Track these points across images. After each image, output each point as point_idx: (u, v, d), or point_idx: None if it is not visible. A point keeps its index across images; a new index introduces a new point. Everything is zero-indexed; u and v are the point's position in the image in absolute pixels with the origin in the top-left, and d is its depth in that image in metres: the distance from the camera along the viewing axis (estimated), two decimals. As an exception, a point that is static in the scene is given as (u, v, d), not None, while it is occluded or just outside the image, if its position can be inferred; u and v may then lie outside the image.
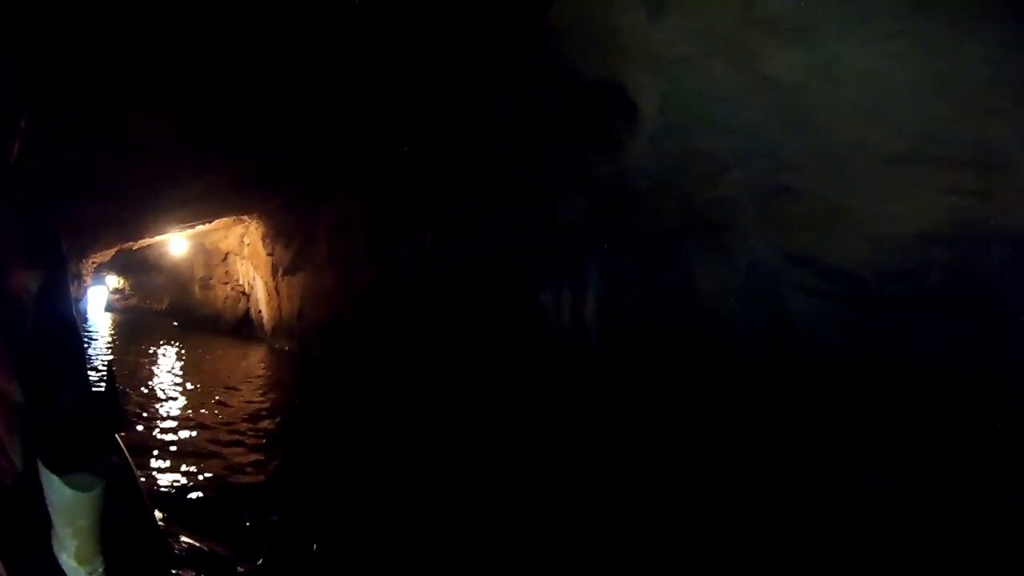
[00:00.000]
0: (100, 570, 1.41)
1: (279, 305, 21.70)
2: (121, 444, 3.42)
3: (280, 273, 20.79)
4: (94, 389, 1.49)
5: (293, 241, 17.93)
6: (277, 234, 19.65)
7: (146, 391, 12.80)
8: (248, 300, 25.93)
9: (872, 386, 6.05)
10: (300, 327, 19.16)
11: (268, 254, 21.47)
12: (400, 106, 9.44)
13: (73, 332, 1.46)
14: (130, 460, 3.37)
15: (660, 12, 6.27)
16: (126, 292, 43.97)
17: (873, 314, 6.13)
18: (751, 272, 6.89)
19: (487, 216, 9.89)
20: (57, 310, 1.36)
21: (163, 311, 35.48)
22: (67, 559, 1.38)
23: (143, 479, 4.22)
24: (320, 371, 16.14)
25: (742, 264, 6.94)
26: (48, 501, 1.34)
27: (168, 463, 7.58)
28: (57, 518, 1.35)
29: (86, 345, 18.98)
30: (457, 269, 10.65)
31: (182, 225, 21.05)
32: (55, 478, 1.30)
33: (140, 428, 9.33)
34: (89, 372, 1.55)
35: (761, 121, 6.26)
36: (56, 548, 1.38)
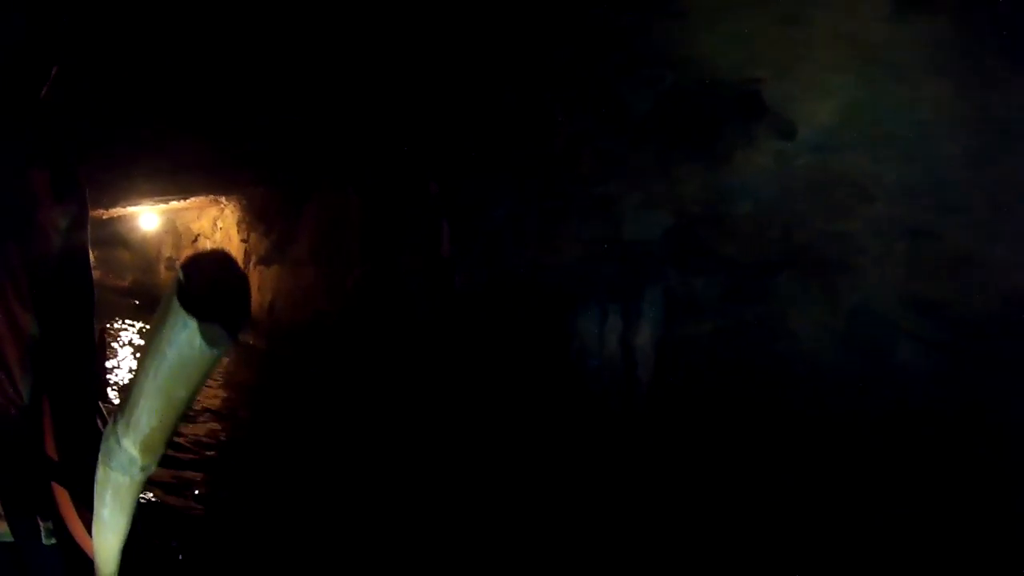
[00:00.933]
0: (153, 467, 1.16)
1: (247, 296, 19.85)
2: (104, 412, 2.43)
3: (253, 262, 18.95)
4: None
5: (272, 231, 16.14)
6: (255, 221, 17.83)
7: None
8: (214, 286, 23.96)
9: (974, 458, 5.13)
10: (269, 323, 17.33)
11: (242, 240, 19.63)
12: (431, 85, 7.76)
13: (89, 273, 1.54)
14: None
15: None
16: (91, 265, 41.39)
17: (991, 369, 5.18)
18: (858, 317, 5.77)
19: (528, 225, 8.19)
20: (80, 249, 1.44)
21: (125, 289, 33.20)
22: (128, 446, 1.12)
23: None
24: (287, 373, 14.43)
25: (848, 307, 5.81)
26: (146, 364, 1.08)
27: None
28: (151, 384, 1.07)
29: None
30: (480, 282, 8.91)
31: (156, 198, 19.15)
32: (191, 323, 1.00)
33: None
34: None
35: (944, 149, 5.02)
36: (116, 434, 1.14)
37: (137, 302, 28.93)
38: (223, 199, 20.01)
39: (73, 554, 1.38)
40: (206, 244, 24.02)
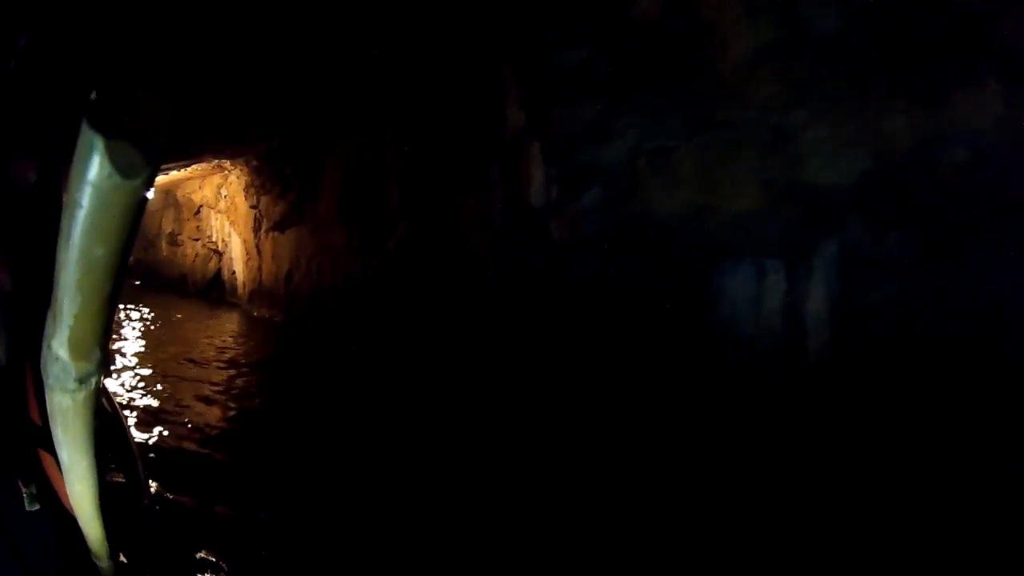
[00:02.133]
0: (93, 380, 1.03)
1: (259, 266, 17.74)
2: (107, 389, 2.50)
3: (264, 229, 16.83)
4: None
5: (288, 191, 13.98)
6: (266, 182, 15.64)
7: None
8: (220, 259, 21.86)
9: None
10: (287, 293, 15.23)
11: (251, 206, 17.48)
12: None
13: None
14: (116, 404, 2.55)
15: None
16: (88, 246, 39.14)
17: None
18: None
19: (668, 161, 6.22)
20: (52, 202, 1.25)
21: (128, 269, 30.89)
22: (57, 348, 1.00)
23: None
24: (311, 348, 12.34)
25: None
26: (61, 233, 0.92)
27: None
28: (66, 255, 0.92)
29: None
30: (591, 234, 6.90)
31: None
32: (100, 144, 0.84)
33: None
34: None
35: None
36: (46, 340, 1.02)
37: (138, 282, 26.72)
38: (228, 164, 17.82)
39: (60, 520, 1.29)
40: (210, 215, 21.84)
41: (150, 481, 5.14)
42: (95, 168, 0.85)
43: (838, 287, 5.33)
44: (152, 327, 15.15)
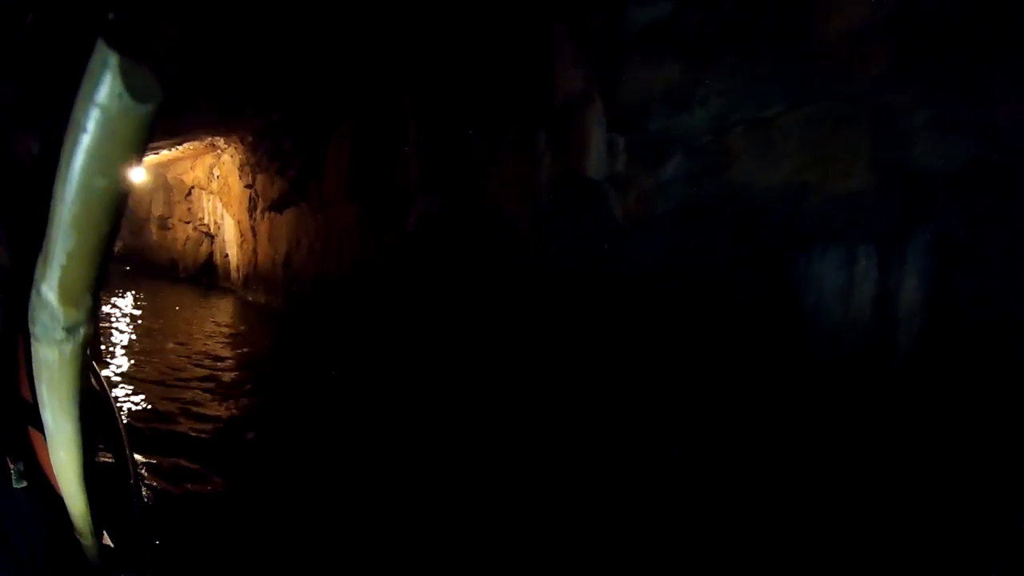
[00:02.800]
0: (81, 331, 0.94)
1: (254, 249, 16.59)
2: (98, 371, 2.25)
3: (260, 209, 15.67)
4: None
5: (287, 168, 12.82)
6: (263, 160, 14.46)
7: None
8: (212, 243, 20.71)
9: None
10: (286, 277, 14.08)
11: (246, 186, 16.31)
12: None
13: None
14: (107, 389, 2.32)
15: None
16: (76, 232, 37.70)
17: None
18: None
19: (756, 135, 5.29)
20: (53, 177, 0.99)
21: (115, 255, 29.57)
22: (47, 292, 0.90)
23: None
24: (313, 338, 11.26)
25: None
26: (59, 166, 0.85)
27: None
28: (64, 186, 0.84)
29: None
30: (663, 213, 5.89)
31: (146, 147, 15.71)
32: (114, 62, 0.76)
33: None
34: None
35: None
36: (35, 284, 0.93)
37: (128, 267, 25.47)
38: (221, 142, 16.63)
39: (48, 499, 1.24)
40: (202, 196, 20.62)
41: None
42: (106, 87, 0.76)
43: (933, 278, 4.71)
44: (140, 320, 13.97)
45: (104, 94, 0.77)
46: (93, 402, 2.22)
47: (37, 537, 1.26)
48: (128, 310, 14.20)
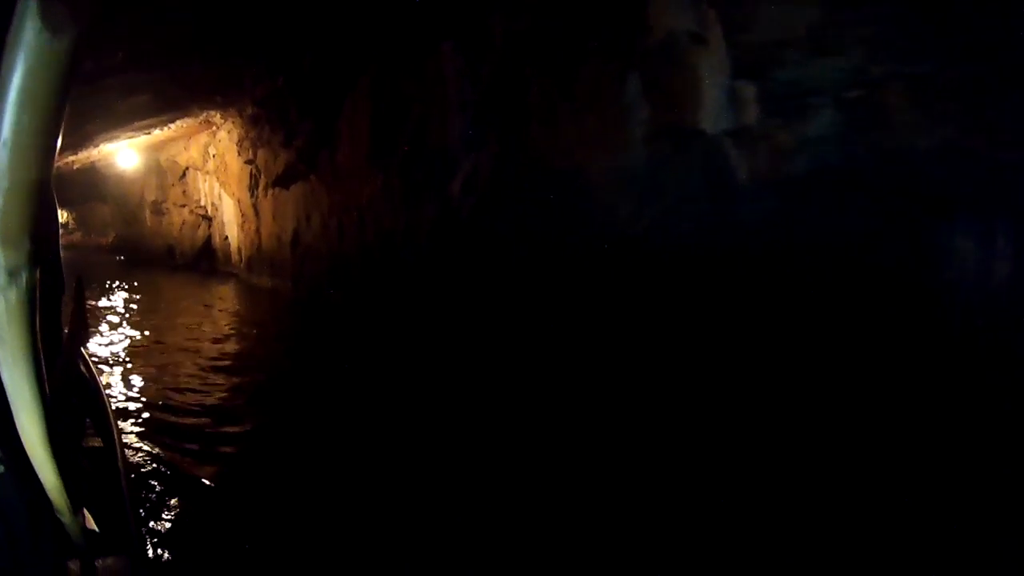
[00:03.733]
0: (25, 269, 0.94)
1: (257, 229, 15.27)
2: (87, 356, 2.74)
3: (262, 186, 14.31)
4: None
5: (294, 137, 11.46)
6: (265, 132, 13.09)
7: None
8: (210, 226, 19.31)
9: None
10: (295, 258, 12.73)
11: (246, 162, 14.92)
12: None
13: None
14: (96, 374, 2.71)
15: None
16: (69, 227, 36.21)
17: None
18: None
19: (925, 88, 4.33)
20: None
21: (109, 246, 28.07)
22: None
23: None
24: (328, 325, 10.00)
25: None
26: None
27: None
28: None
29: None
30: (816, 171, 4.82)
31: (136, 126, 14.24)
32: (29, 7, 0.85)
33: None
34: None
35: None
36: None
37: (122, 257, 23.97)
38: (218, 117, 15.18)
39: (30, 482, 1.18)
40: (197, 177, 19.17)
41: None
42: (27, 29, 0.83)
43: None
44: (134, 320, 12.61)
45: (27, 34, 0.82)
46: (82, 389, 2.38)
47: (18, 520, 1.20)
48: (120, 307, 12.77)
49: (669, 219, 5.48)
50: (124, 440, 3.43)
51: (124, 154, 18.94)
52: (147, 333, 9.55)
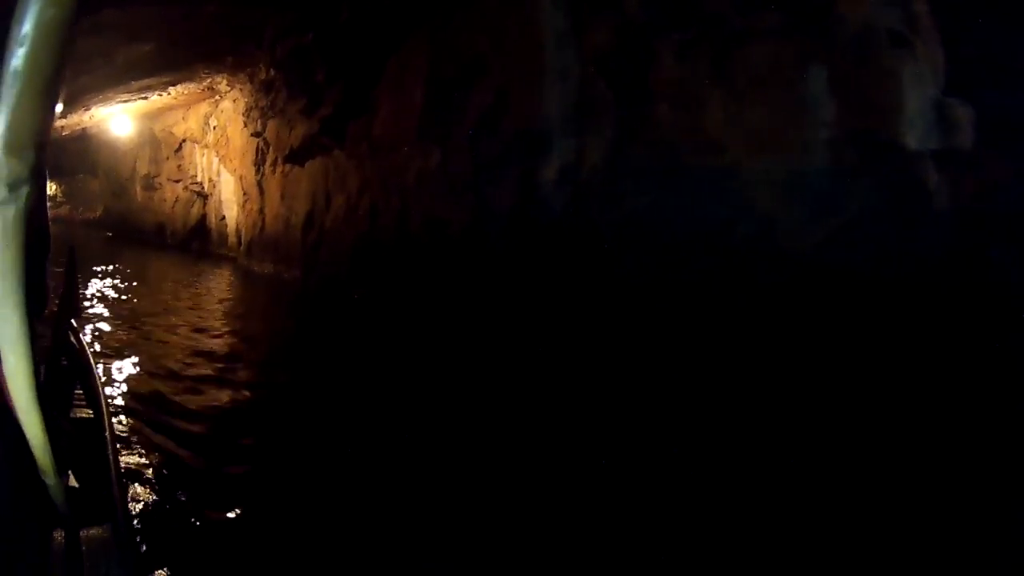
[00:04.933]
0: (27, 183, 0.84)
1: (260, 209, 13.31)
2: (76, 328, 2.70)
3: (271, 162, 12.38)
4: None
5: (319, 104, 9.56)
6: (280, 100, 11.17)
7: None
8: (206, 204, 17.30)
9: None
10: (307, 243, 10.81)
11: (253, 134, 12.98)
12: None
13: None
14: (86, 347, 2.59)
15: None
16: (57, 199, 33.64)
17: None
18: None
19: None
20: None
21: (96, 220, 25.77)
22: None
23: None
24: (352, 324, 8.15)
25: None
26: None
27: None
28: (18, 26, 0.79)
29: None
30: None
31: (134, 87, 12.27)
32: None
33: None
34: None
35: None
36: None
37: (111, 233, 21.75)
38: (223, 82, 13.24)
39: (13, 441, 1.07)
40: (194, 151, 17.14)
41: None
42: None
43: None
44: (118, 307, 10.65)
45: None
46: (71, 357, 2.46)
47: (3, 480, 1.10)
48: (106, 291, 10.71)
49: (845, 239, 4.56)
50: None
51: (118, 120, 16.95)
52: (127, 330, 7.65)
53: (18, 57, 0.78)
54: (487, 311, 6.45)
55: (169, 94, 14.27)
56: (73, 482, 1.42)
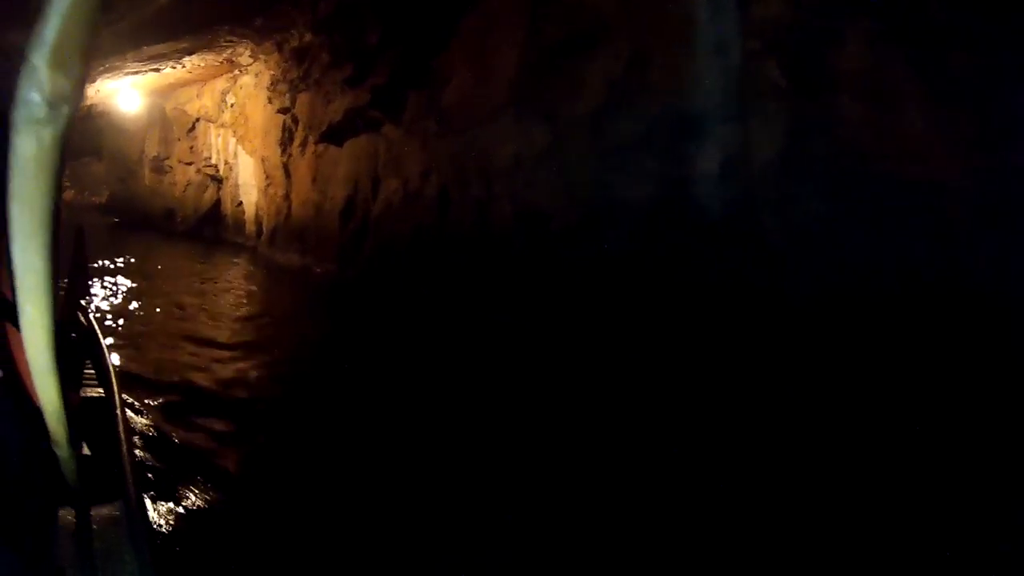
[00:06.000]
0: (68, 102, 0.70)
1: (286, 194, 11.73)
2: (89, 312, 2.60)
3: (299, 142, 10.79)
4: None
5: (369, 72, 7.93)
6: (315, 70, 9.52)
7: None
8: (220, 188, 15.64)
9: None
10: (344, 233, 9.20)
11: (280, 110, 11.36)
12: None
13: None
14: (97, 329, 2.46)
15: None
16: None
17: None
18: None
19: None
20: None
21: (101, 206, 23.94)
22: (38, 59, 0.68)
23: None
24: (433, 341, 6.54)
25: None
26: None
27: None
28: None
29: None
30: None
31: (145, 54, 10.60)
32: None
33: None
34: None
35: None
36: (27, 56, 0.70)
37: (117, 220, 19.91)
38: (245, 54, 11.59)
39: (25, 412, 1.01)
40: (208, 131, 15.48)
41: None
42: None
43: None
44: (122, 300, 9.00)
45: None
46: (74, 318, 2.45)
47: (12, 446, 1.02)
48: (107, 293, 9.02)
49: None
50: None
51: (126, 96, 15.28)
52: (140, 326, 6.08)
53: None
54: (603, 328, 4.94)
55: (184, 66, 12.59)
56: (85, 448, 1.41)
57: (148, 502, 2.86)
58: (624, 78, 5.22)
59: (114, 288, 8.35)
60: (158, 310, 7.18)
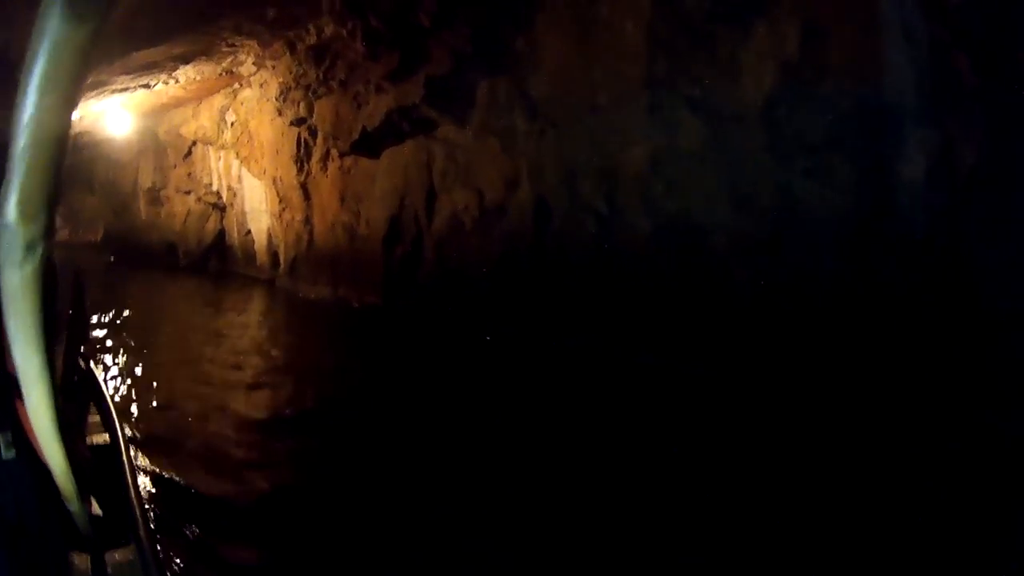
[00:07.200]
0: (41, 242, 0.84)
1: (307, 218, 10.08)
2: (87, 356, 2.58)
3: (321, 156, 9.11)
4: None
5: (423, 60, 6.19)
6: (342, 67, 7.85)
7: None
8: (223, 216, 13.96)
9: None
10: (398, 259, 7.52)
11: (293, 122, 9.64)
12: None
13: None
14: (95, 370, 2.50)
15: None
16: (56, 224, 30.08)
17: None
18: None
19: None
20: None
21: (96, 244, 22.05)
22: (8, 215, 0.80)
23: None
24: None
25: None
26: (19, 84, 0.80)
27: None
28: (22, 104, 0.78)
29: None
30: None
31: (134, 62, 8.90)
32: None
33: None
34: None
35: None
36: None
37: (113, 258, 17.98)
38: (248, 62, 9.89)
39: (37, 469, 1.11)
40: (207, 154, 13.80)
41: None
42: (53, 18, 0.75)
43: None
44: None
45: (52, 24, 0.74)
46: (82, 379, 2.38)
47: (29, 506, 1.14)
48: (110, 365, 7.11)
49: None
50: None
51: (114, 119, 13.56)
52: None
53: (28, 132, 0.77)
54: (802, 365, 3.49)
55: (177, 81, 10.89)
56: (96, 509, 1.44)
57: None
58: (799, 59, 3.86)
59: (115, 370, 6.48)
60: (186, 406, 5.39)
